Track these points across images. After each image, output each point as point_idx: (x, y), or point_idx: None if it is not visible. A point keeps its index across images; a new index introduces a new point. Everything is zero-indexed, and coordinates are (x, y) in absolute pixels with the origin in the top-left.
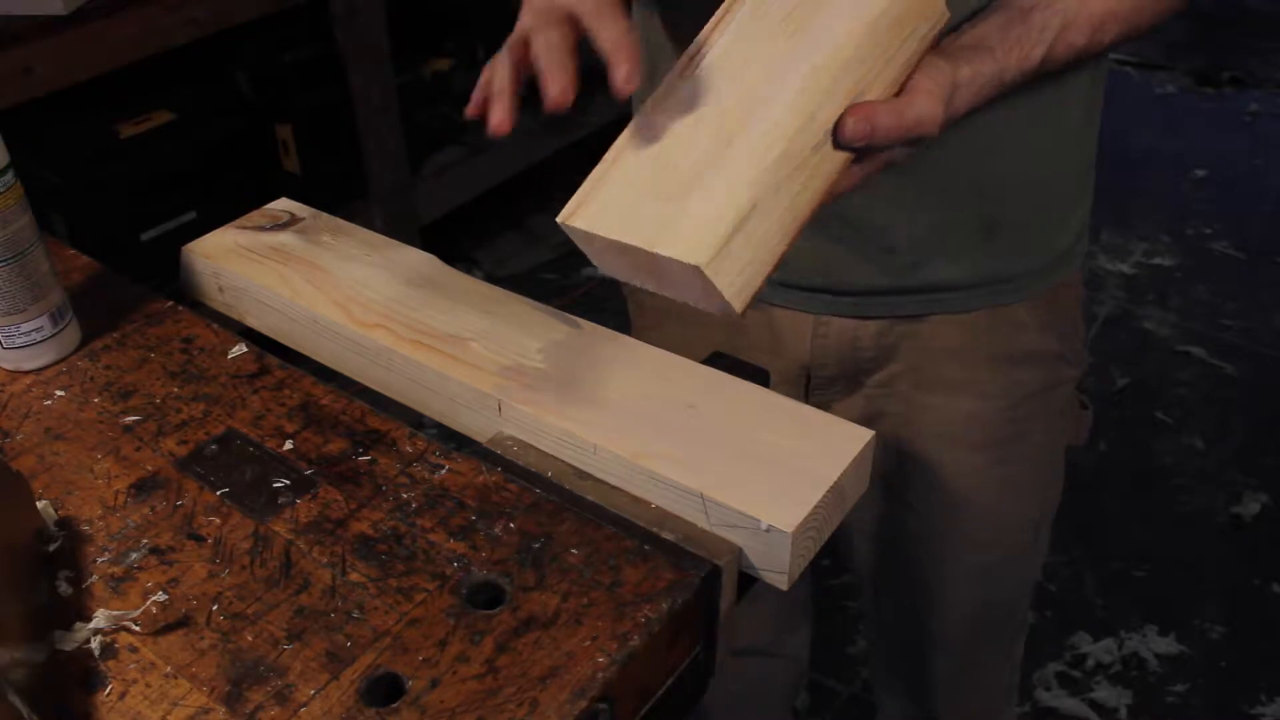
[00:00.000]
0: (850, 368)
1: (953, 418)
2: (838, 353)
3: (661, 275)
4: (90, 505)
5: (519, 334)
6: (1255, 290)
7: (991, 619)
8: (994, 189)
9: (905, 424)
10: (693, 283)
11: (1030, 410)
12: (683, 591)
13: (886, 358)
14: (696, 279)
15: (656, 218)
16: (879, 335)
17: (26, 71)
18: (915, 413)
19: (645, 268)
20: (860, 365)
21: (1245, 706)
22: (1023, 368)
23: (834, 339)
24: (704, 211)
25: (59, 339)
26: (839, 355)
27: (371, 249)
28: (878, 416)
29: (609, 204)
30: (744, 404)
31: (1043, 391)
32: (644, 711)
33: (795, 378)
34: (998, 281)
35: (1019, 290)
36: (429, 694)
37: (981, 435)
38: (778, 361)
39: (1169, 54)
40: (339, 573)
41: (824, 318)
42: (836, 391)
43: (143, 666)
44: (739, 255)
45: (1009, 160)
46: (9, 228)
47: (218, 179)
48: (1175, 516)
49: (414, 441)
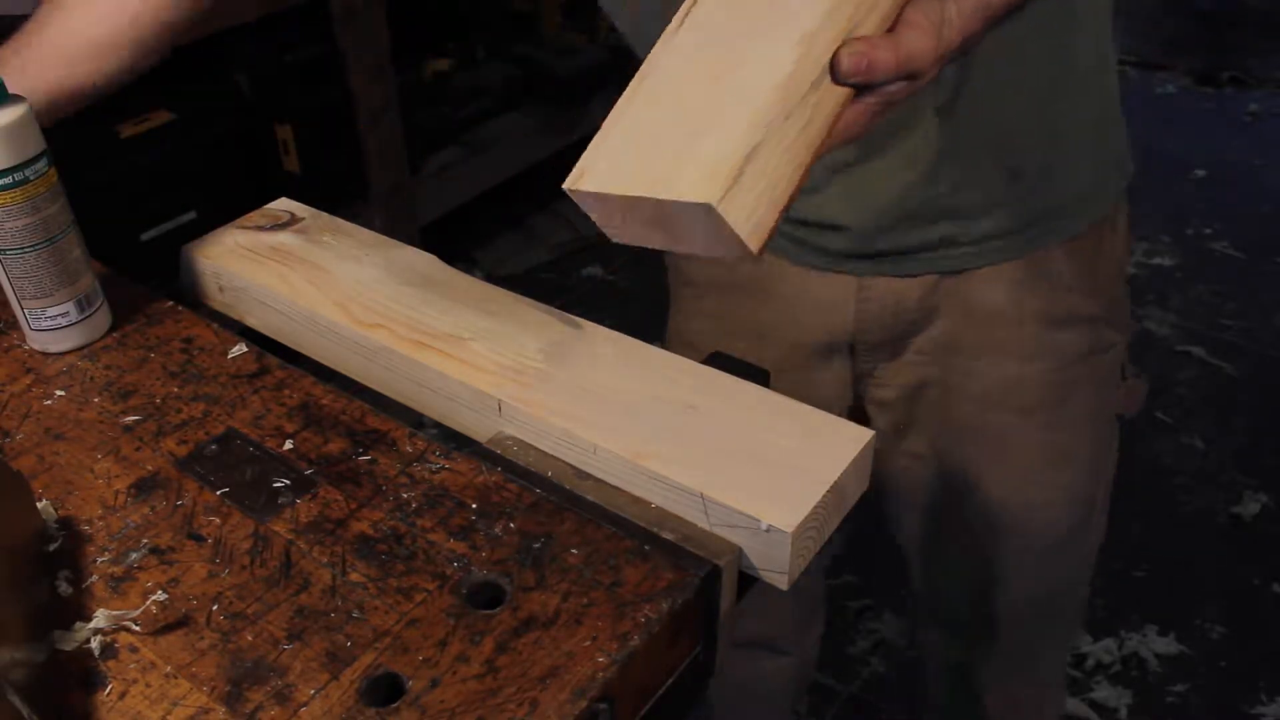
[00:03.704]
0: (893, 332)
1: (998, 382)
2: (880, 317)
3: (675, 227)
4: (90, 505)
5: (519, 334)
6: (1255, 290)
7: (1052, 598)
8: (1009, 137)
9: (950, 390)
10: (706, 227)
11: (1076, 374)
12: (683, 591)
13: (929, 319)
14: (709, 221)
15: (663, 167)
16: (922, 295)
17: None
18: (959, 378)
19: (658, 223)
20: (904, 329)
21: (1245, 706)
22: (1066, 330)
23: (876, 302)
24: (710, 153)
25: (86, 324)
26: (881, 318)
27: (371, 249)
28: (922, 386)
29: (614, 162)
30: (744, 404)
31: (1088, 355)
32: (644, 711)
33: (834, 348)
34: (1030, 225)
35: (1055, 231)
36: (429, 694)
37: (1028, 399)
38: (821, 333)
39: (1169, 54)
40: (339, 573)
41: (866, 280)
42: (882, 358)
43: (143, 666)
44: (749, 191)
45: (1020, 107)
46: (41, 213)
47: (218, 179)
48: (1175, 516)
49: (414, 441)
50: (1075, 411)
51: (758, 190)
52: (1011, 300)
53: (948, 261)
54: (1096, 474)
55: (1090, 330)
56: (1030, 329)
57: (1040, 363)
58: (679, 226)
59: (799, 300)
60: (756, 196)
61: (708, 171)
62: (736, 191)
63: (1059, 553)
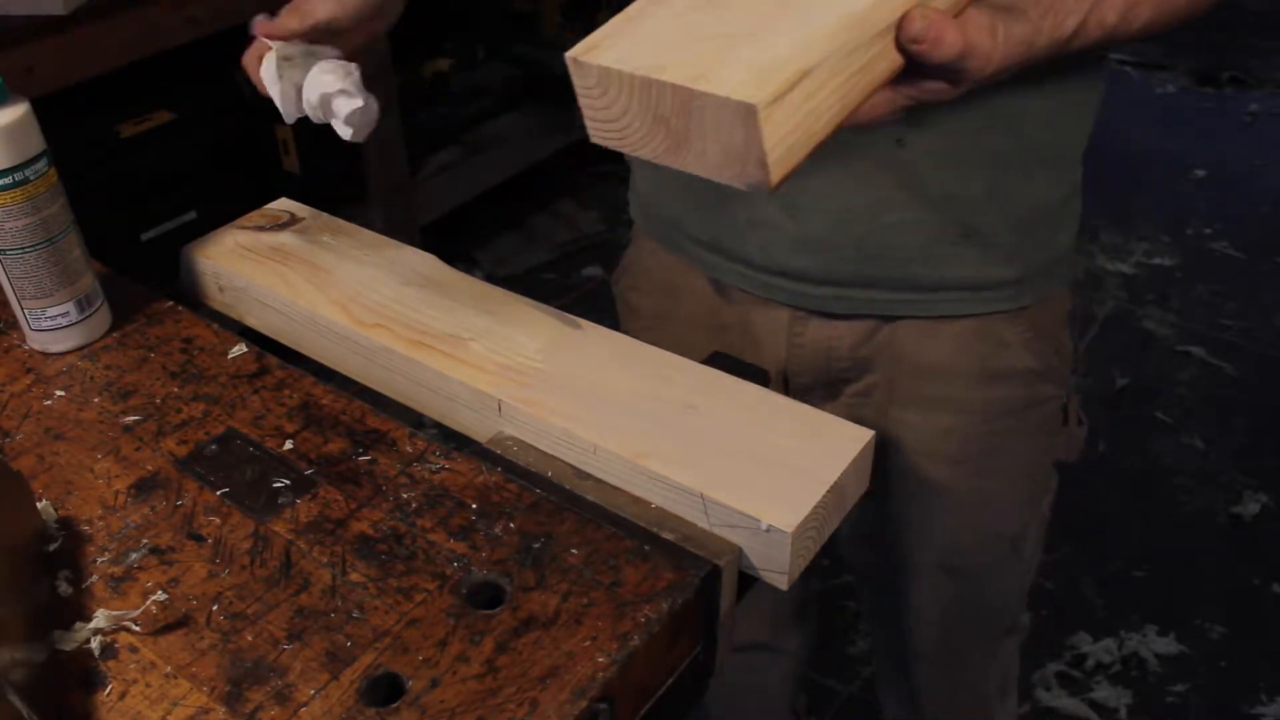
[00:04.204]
0: (826, 377)
1: (930, 432)
2: (813, 360)
3: (689, 131)
4: (90, 505)
5: (519, 334)
6: (1255, 290)
7: (972, 623)
8: (965, 192)
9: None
10: (730, 137)
11: (1007, 426)
12: (683, 591)
13: (863, 370)
14: (740, 129)
15: (702, 60)
16: (854, 344)
17: (27, 71)
18: (892, 426)
19: (667, 122)
20: (837, 375)
21: (1245, 706)
22: (1000, 384)
23: (809, 345)
24: (761, 58)
25: (86, 324)
26: (814, 363)
27: (371, 249)
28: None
29: (639, 43)
30: (744, 404)
31: (1021, 409)
32: (644, 711)
33: (774, 381)
34: (972, 288)
35: (995, 301)
36: (429, 694)
37: (957, 449)
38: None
39: (1169, 54)
40: (339, 573)
41: (800, 316)
42: (816, 398)
43: (143, 666)
44: (794, 110)
45: (981, 166)
46: (41, 213)
47: (218, 179)
48: (1175, 516)
49: (414, 441)
50: (1006, 461)
51: (801, 114)
52: (946, 356)
53: (884, 305)
54: (1025, 517)
55: (1025, 384)
56: (964, 384)
57: (972, 415)
58: (695, 130)
59: (734, 334)
60: (797, 121)
61: (757, 73)
62: (783, 104)
63: (980, 583)
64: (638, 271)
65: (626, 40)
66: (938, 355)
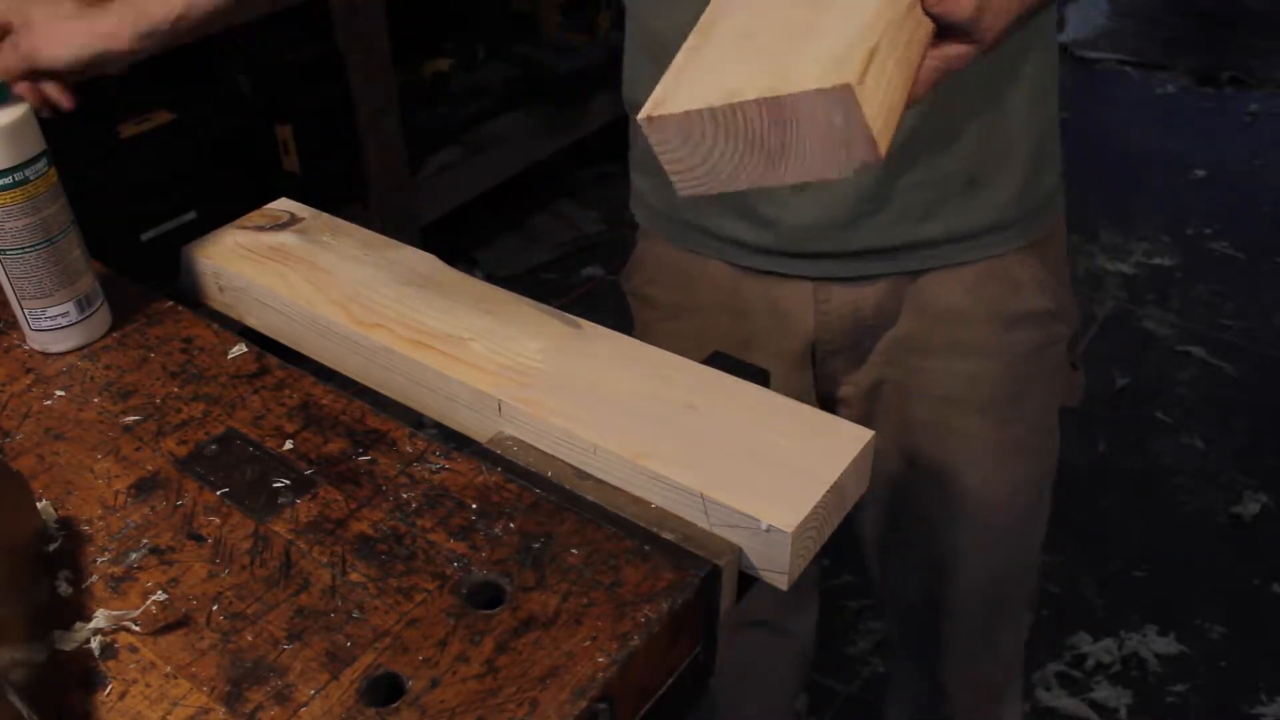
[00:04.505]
0: (853, 337)
1: (955, 380)
2: (839, 321)
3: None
4: (90, 505)
5: (519, 334)
6: (1255, 290)
7: (1004, 584)
8: (962, 140)
9: (908, 390)
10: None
11: (1029, 370)
12: (683, 591)
13: (888, 322)
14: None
15: (773, 69)
16: (879, 300)
17: None
18: (918, 377)
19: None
20: (863, 333)
21: (1245, 706)
22: (1020, 327)
23: (835, 307)
24: (827, 49)
25: (86, 324)
26: (841, 324)
27: (371, 249)
28: (881, 384)
29: (703, 82)
30: (744, 404)
31: (1040, 350)
32: (644, 711)
33: (801, 355)
34: (985, 232)
35: (1005, 240)
36: (429, 694)
37: (984, 396)
38: (783, 340)
39: (1169, 54)
40: (339, 573)
41: (825, 286)
42: (841, 363)
43: (143, 666)
44: (876, 85)
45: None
46: (41, 214)
47: (218, 179)
48: (1175, 516)
49: (414, 441)
50: (1028, 406)
51: (882, 88)
52: (967, 301)
53: (904, 263)
54: (1045, 464)
55: (1041, 326)
56: (986, 328)
57: (995, 360)
58: (790, 137)
59: (760, 312)
60: (882, 95)
61: (832, 62)
62: (868, 79)
63: (1011, 541)
64: (650, 266)
65: (689, 82)
66: (958, 300)
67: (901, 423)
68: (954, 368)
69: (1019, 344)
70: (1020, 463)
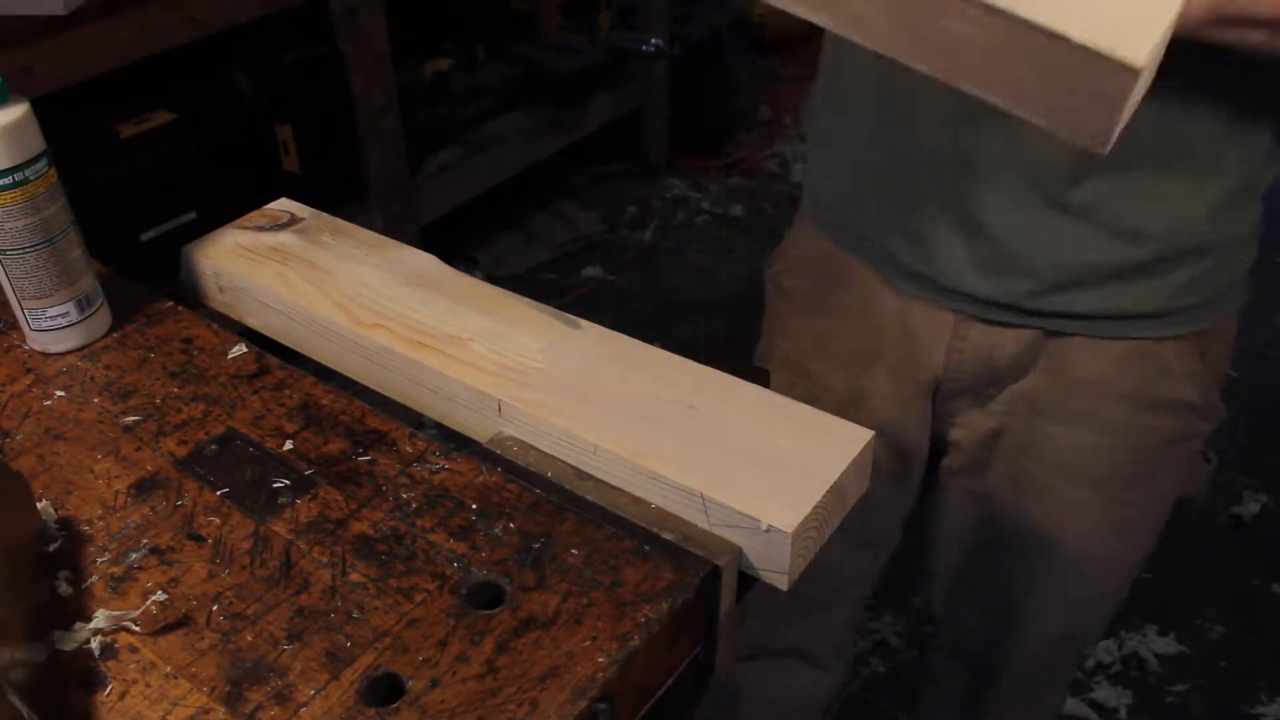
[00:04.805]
0: (981, 381)
1: (1078, 451)
2: (972, 364)
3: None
4: (90, 505)
5: (519, 334)
6: (1255, 290)
7: (1069, 647)
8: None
9: (1025, 447)
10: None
11: (1157, 456)
12: (683, 591)
13: (1019, 374)
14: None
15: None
16: (1017, 351)
17: (26, 71)
18: (1039, 438)
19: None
20: (992, 378)
21: (1245, 706)
22: (1159, 413)
23: (971, 347)
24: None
25: (86, 324)
26: (973, 367)
27: (371, 249)
28: (1000, 434)
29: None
30: (744, 404)
31: (1174, 441)
32: (644, 711)
33: (926, 388)
34: (1139, 317)
35: (1165, 326)
36: (429, 694)
37: (1103, 472)
38: (910, 367)
39: None
40: (339, 573)
41: (966, 323)
42: (962, 404)
43: (143, 666)
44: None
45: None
46: (41, 214)
47: (218, 179)
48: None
49: (414, 441)
50: (1148, 492)
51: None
52: (1109, 375)
53: (1052, 323)
54: (1148, 545)
55: (1181, 417)
56: (1122, 406)
57: (1124, 440)
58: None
59: (897, 330)
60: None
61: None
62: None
63: (1091, 609)
64: (796, 255)
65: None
66: (1100, 372)
67: (1009, 476)
68: (1079, 438)
69: (1153, 430)
70: (1125, 542)
